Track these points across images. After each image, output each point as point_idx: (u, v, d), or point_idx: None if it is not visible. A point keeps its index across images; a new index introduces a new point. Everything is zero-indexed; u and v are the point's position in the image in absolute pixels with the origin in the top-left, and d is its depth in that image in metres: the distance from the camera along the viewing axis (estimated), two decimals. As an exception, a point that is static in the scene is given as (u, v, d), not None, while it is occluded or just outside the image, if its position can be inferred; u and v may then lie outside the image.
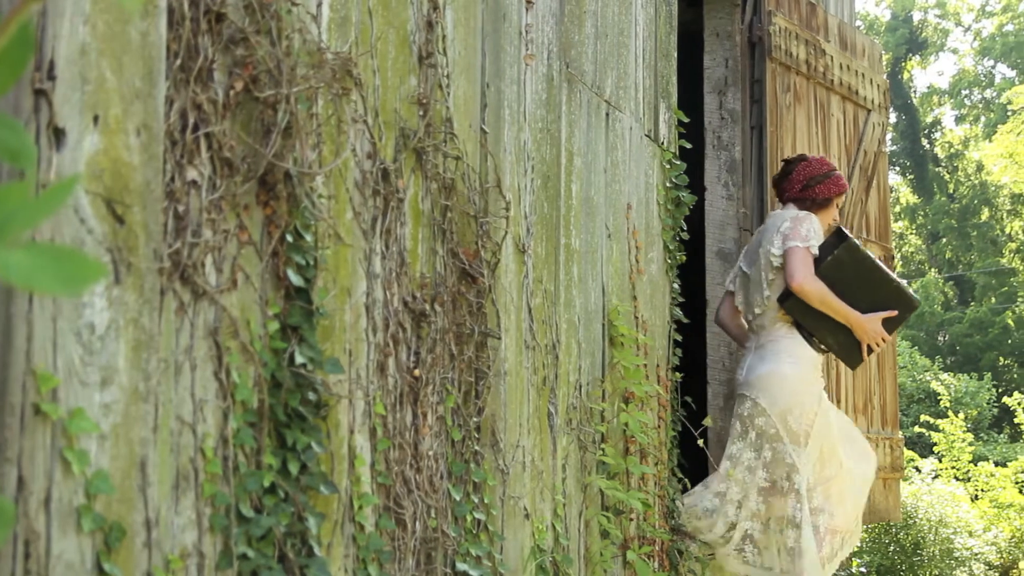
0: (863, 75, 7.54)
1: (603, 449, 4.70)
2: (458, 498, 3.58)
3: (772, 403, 5.22)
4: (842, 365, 7.08)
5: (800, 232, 5.21)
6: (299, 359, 2.82)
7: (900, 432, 7.76)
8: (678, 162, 5.73)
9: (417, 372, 3.41)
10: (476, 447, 3.72)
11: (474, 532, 3.68)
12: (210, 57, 2.62)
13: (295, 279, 2.84)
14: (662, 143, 5.58)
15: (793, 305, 5.18)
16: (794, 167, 5.59)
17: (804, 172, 5.55)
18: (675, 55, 5.83)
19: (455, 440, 3.61)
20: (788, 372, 5.23)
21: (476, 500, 3.70)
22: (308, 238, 2.90)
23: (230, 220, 2.68)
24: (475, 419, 3.72)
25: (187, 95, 2.55)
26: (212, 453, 2.58)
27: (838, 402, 7.04)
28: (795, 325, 5.29)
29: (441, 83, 3.62)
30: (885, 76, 7.97)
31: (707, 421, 5.78)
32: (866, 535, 10.01)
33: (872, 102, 7.62)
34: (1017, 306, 32.14)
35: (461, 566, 3.53)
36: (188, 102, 2.55)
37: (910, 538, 9.97)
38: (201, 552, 2.53)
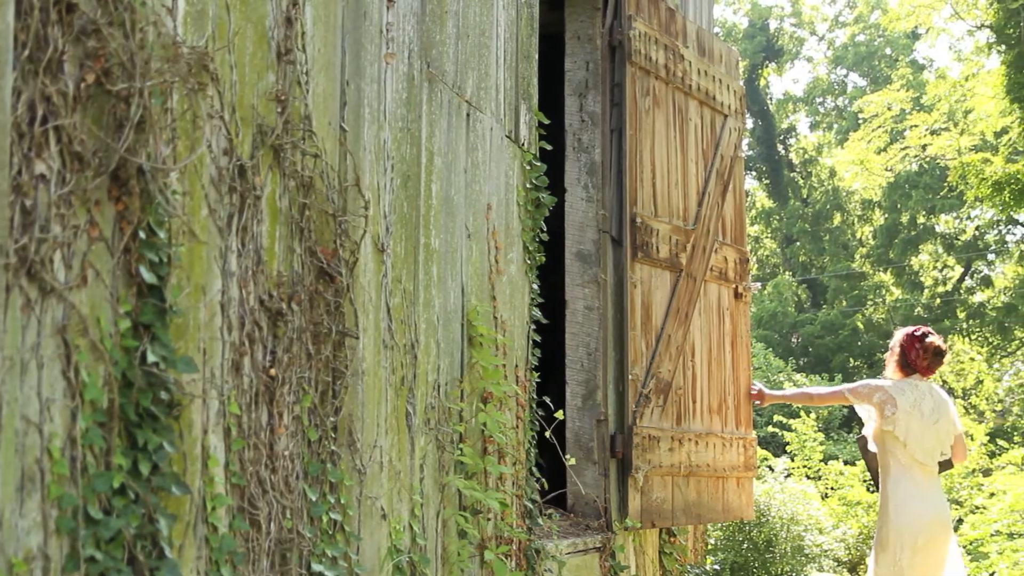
0: (720, 81, 7.68)
1: (461, 449, 4.70)
2: (314, 498, 3.55)
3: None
4: (696, 366, 7.23)
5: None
6: (151, 358, 2.77)
7: (754, 432, 7.92)
8: (538, 163, 5.77)
9: (273, 371, 3.37)
10: (333, 447, 3.70)
11: (330, 533, 3.65)
12: (60, 48, 2.56)
13: (148, 276, 2.79)
14: (523, 144, 5.61)
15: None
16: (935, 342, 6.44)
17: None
18: (536, 57, 5.86)
19: (311, 440, 3.58)
20: None
21: (332, 500, 3.68)
22: (162, 235, 2.85)
23: (80, 215, 2.62)
24: (332, 419, 3.70)
25: (36, 87, 2.49)
26: (59, 454, 2.52)
27: (693, 402, 7.16)
28: None
29: (300, 80, 3.59)
30: (742, 82, 8.13)
31: (559, 415, 5.87)
32: (720, 533, 10.19)
33: (729, 107, 7.76)
34: (867, 309, 33.04)
35: (316, 567, 3.50)
36: (37, 94, 2.49)
37: (763, 535, 10.16)
38: (47, 555, 2.47)
